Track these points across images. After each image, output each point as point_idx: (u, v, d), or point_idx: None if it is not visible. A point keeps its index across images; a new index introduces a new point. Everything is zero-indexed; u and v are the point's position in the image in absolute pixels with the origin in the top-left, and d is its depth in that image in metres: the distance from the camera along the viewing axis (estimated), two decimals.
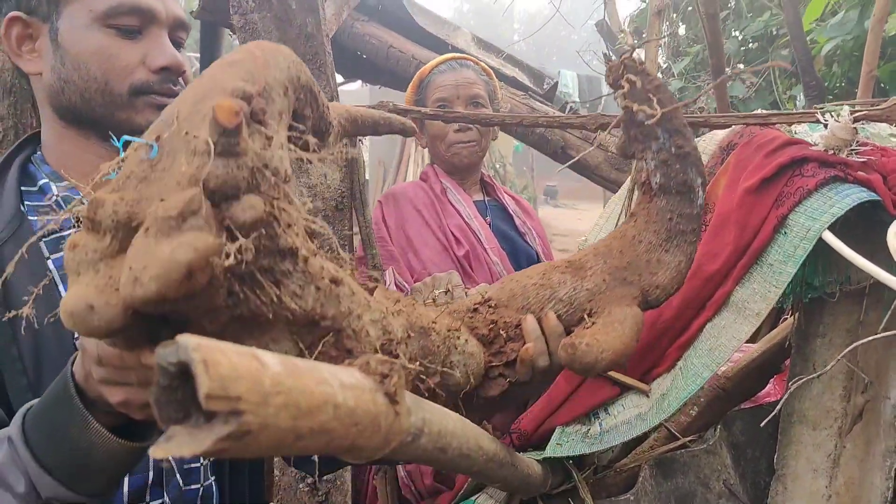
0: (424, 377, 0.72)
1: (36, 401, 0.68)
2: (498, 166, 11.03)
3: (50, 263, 0.87)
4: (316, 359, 0.54)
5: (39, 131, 1.00)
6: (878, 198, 1.01)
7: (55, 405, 0.64)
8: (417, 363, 0.70)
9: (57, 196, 0.92)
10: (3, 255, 0.84)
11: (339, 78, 2.92)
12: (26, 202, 0.91)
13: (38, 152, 0.98)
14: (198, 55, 2.66)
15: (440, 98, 1.68)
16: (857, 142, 1.09)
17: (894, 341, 1.16)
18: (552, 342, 0.81)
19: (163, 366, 0.34)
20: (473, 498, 1.34)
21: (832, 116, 1.09)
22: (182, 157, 0.47)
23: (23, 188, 0.92)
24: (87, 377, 0.61)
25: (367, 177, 1.57)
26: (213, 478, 0.96)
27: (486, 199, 1.78)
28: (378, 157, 9.25)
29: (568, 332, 0.82)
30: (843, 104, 1.08)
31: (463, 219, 1.64)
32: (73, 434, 0.62)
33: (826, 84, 2.73)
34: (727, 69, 3.82)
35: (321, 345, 0.55)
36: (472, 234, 1.63)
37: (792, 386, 1.11)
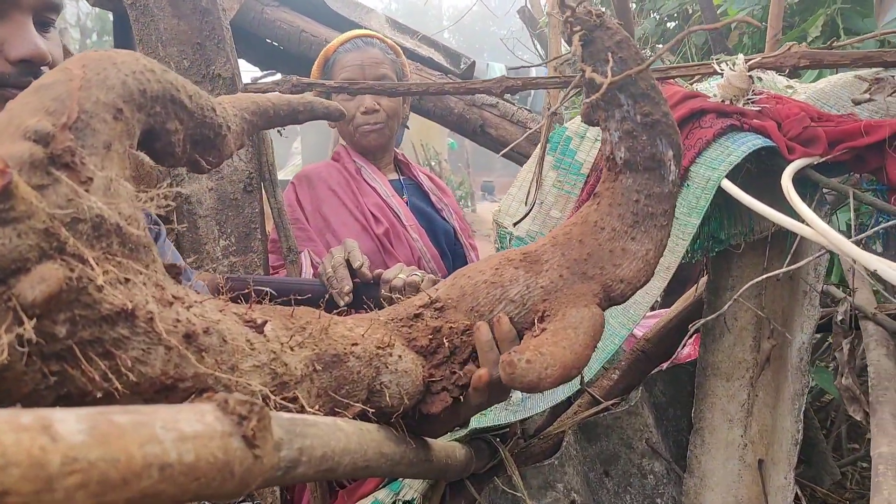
0: (340, 409, 0.65)
1: None
2: (433, 163, 11.03)
3: None
4: None
5: None
6: (773, 144, 1.03)
7: None
8: (321, 400, 0.63)
9: None
10: None
11: (256, 72, 2.83)
12: None
13: None
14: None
15: (346, 78, 1.63)
16: (753, 91, 1.11)
17: (797, 289, 1.19)
18: (504, 349, 0.72)
19: None
20: (401, 480, 1.30)
21: (728, 66, 1.10)
22: None
23: None
24: None
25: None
26: None
27: (402, 177, 1.75)
28: (310, 161, 9.10)
29: (521, 337, 0.74)
30: (739, 55, 1.09)
31: (380, 197, 1.61)
32: None
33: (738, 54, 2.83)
34: (646, 50, 3.91)
35: None
36: (390, 212, 1.60)
37: (690, 331, 1.11)
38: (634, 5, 4.38)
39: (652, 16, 4.13)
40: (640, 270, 0.76)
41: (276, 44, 2.43)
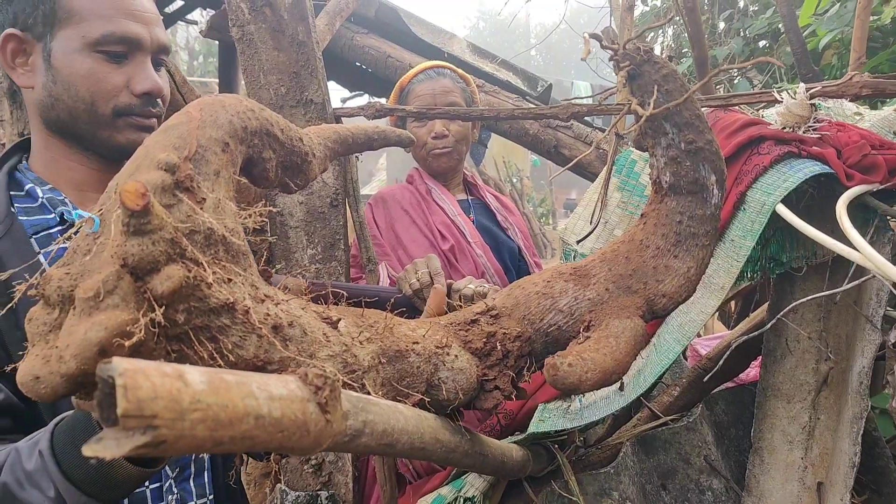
0: (401, 398, 0.74)
1: (65, 416, 0.76)
2: (515, 180, 11.09)
3: (41, 257, 0.96)
4: None
5: (25, 140, 1.09)
6: (832, 170, 1.06)
7: (81, 432, 0.72)
8: (384, 389, 0.72)
9: (42, 198, 1.01)
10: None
11: (345, 92, 3.03)
12: (15, 204, 1.00)
13: (24, 161, 1.07)
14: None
15: (419, 107, 1.77)
16: (815, 118, 1.13)
17: (860, 313, 1.20)
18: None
19: (102, 378, 0.41)
20: (464, 477, 1.39)
21: (789, 94, 1.13)
22: (112, 231, 0.53)
23: (11, 192, 1.01)
24: None
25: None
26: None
27: (470, 198, 1.88)
28: (395, 177, 9.39)
29: (566, 345, 0.81)
30: (800, 83, 1.12)
31: (447, 216, 1.73)
32: (96, 461, 0.70)
33: (825, 76, 2.76)
34: (727, 65, 3.85)
35: None
36: (456, 230, 1.72)
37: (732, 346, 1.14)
38: (723, 24, 4.32)
39: (740, 34, 4.07)
40: (682, 286, 0.82)
41: (364, 67, 2.61)
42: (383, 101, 3.38)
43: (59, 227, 0.99)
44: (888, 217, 1.07)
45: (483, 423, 1.43)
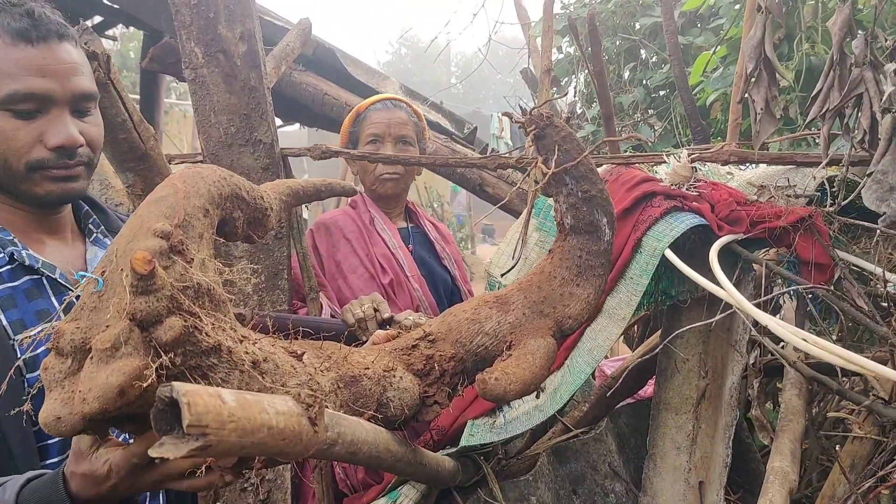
0: (357, 416, 0.86)
1: (32, 480, 0.81)
2: (436, 205, 11.33)
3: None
4: None
5: None
6: (707, 222, 1.30)
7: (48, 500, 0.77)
8: (343, 409, 0.84)
9: None
10: None
11: (278, 121, 3.14)
12: None
13: None
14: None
15: (373, 133, 1.89)
16: (695, 178, 1.38)
17: (731, 338, 1.45)
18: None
19: (161, 397, 0.54)
20: (399, 489, 1.53)
21: (675, 158, 1.38)
22: (117, 291, 0.63)
23: None
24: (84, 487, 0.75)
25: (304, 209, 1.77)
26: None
27: (410, 225, 1.99)
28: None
29: (492, 361, 0.98)
30: (683, 149, 1.37)
31: (388, 248, 1.86)
32: None
33: (713, 129, 3.13)
34: (637, 115, 4.21)
35: None
36: (395, 263, 1.84)
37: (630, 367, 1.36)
38: (627, 73, 4.72)
39: (642, 84, 4.46)
40: (584, 309, 1.01)
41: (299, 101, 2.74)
42: (315, 130, 3.50)
43: (9, 267, 1.01)
44: (750, 261, 1.32)
45: (419, 437, 1.58)
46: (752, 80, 1.22)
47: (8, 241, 1.03)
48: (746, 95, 1.29)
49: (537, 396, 1.35)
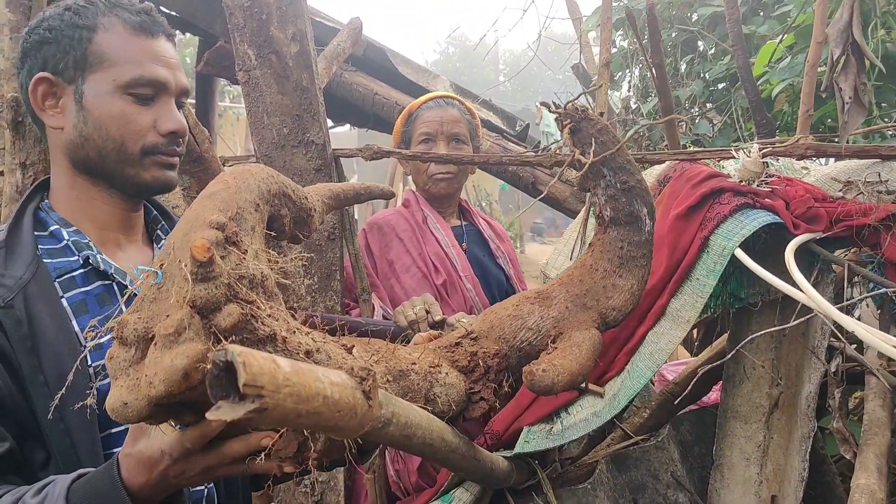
0: None
1: (82, 476, 0.82)
2: (484, 204, 11.31)
3: (63, 301, 1.01)
4: None
5: (45, 180, 1.13)
6: (781, 220, 1.22)
7: (105, 497, 0.78)
8: None
9: (67, 240, 1.05)
10: (27, 294, 0.97)
11: (329, 122, 3.15)
12: (40, 246, 1.04)
13: (46, 200, 1.11)
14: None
15: (425, 132, 1.86)
16: (767, 174, 1.30)
17: (807, 344, 1.36)
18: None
19: (216, 362, 0.52)
20: (452, 492, 1.50)
21: (745, 153, 1.30)
22: (177, 281, 0.65)
23: (35, 233, 1.05)
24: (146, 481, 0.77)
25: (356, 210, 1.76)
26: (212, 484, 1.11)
27: (464, 223, 1.95)
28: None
29: (537, 356, 0.96)
30: (753, 143, 1.29)
31: (441, 247, 1.82)
32: None
33: (778, 121, 2.99)
34: (695, 109, 4.08)
35: None
36: (449, 263, 1.81)
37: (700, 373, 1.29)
38: (684, 66, 4.57)
39: (700, 77, 4.31)
40: (628, 300, 0.99)
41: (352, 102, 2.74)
42: (365, 131, 3.51)
43: (82, 270, 1.03)
44: (830, 261, 1.23)
45: (472, 441, 1.55)
46: (839, 66, 1.14)
47: (84, 244, 1.05)
48: (831, 84, 1.20)
49: (598, 395, 1.31)
